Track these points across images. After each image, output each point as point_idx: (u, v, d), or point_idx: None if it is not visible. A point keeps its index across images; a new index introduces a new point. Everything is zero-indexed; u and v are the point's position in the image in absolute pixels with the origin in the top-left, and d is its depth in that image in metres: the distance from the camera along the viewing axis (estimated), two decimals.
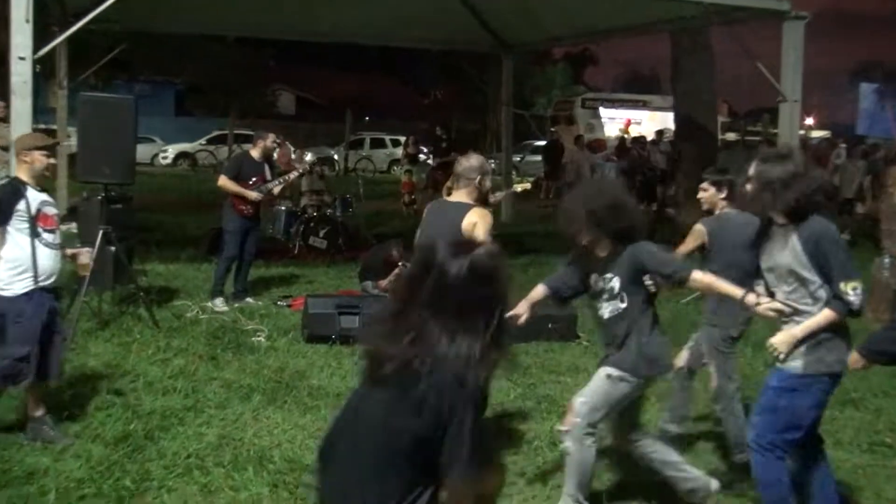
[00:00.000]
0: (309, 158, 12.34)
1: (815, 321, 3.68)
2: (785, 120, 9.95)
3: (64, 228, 11.82)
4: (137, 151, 8.25)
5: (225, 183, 8.77)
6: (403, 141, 24.68)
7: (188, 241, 12.24)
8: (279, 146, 10.56)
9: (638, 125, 29.97)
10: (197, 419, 5.43)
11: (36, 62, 7.81)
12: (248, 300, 8.85)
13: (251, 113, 33.61)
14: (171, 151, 34.00)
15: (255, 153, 9.02)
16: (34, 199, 4.95)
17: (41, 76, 9.04)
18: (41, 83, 11.55)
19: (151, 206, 15.67)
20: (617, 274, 4.13)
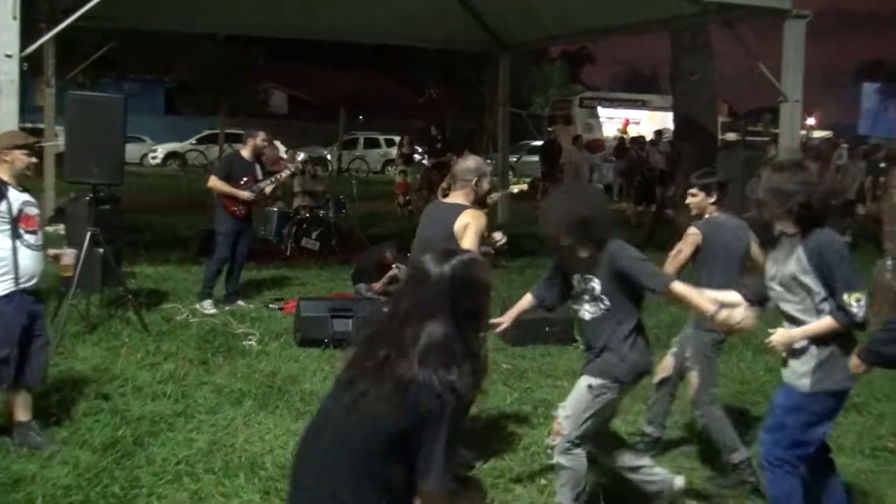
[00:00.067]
0: (301, 157, 12.31)
1: (814, 326, 3.69)
2: (786, 120, 9.96)
3: (51, 230, 11.89)
4: (126, 151, 8.23)
5: (215, 184, 8.76)
6: (398, 141, 24.64)
7: (178, 242, 12.22)
8: (268, 145, 10.54)
9: (637, 125, 30.04)
10: (187, 425, 5.42)
11: (23, 60, 7.79)
12: (239, 303, 8.85)
13: (242, 112, 33.63)
14: (160, 151, 33.98)
15: (245, 152, 9.02)
16: (15, 199, 4.92)
17: (28, 74, 9.03)
18: (28, 81, 11.51)
19: (140, 206, 15.65)
20: (597, 275, 4.12)
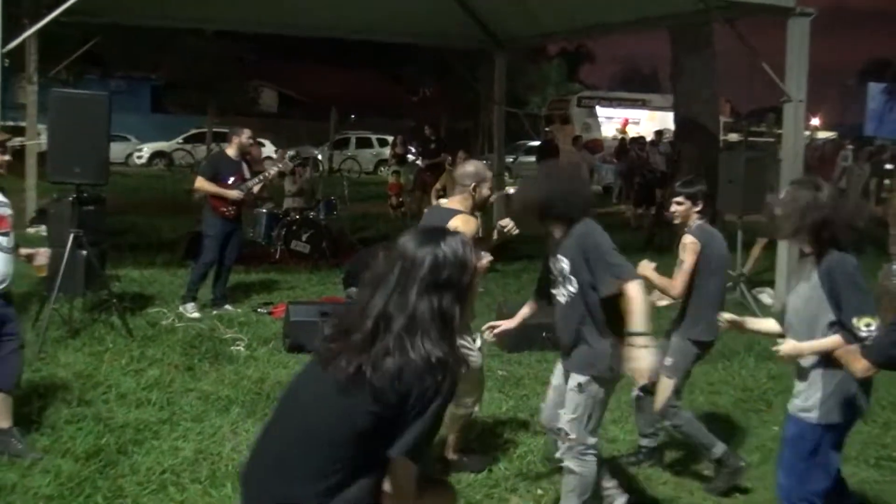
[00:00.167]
0: (290, 153, 12.35)
1: (823, 343, 3.69)
2: (789, 120, 9.96)
3: (33, 231, 11.85)
4: (111, 150, 8.23)
5: (202, 184, 8.74)
6: (391, 140, 24.72)
7: (164, 244, 12.21)
8: (253, 144, 10.54)
9: (636, 125, 30.13)
10: (172, 433, 5.41)
11: (4, 56, 7.77)
12: (226, 307, 8.83)
13: (231, 110, 33.60)
14: (146, 150, 33.97)
15: (230, 151, 9.00)
16: None
17: (10, 71, 9.00)
18: (10, 78, 11.44)
19: (125, 208, 15.64)
20: (566, 255, 4.09)
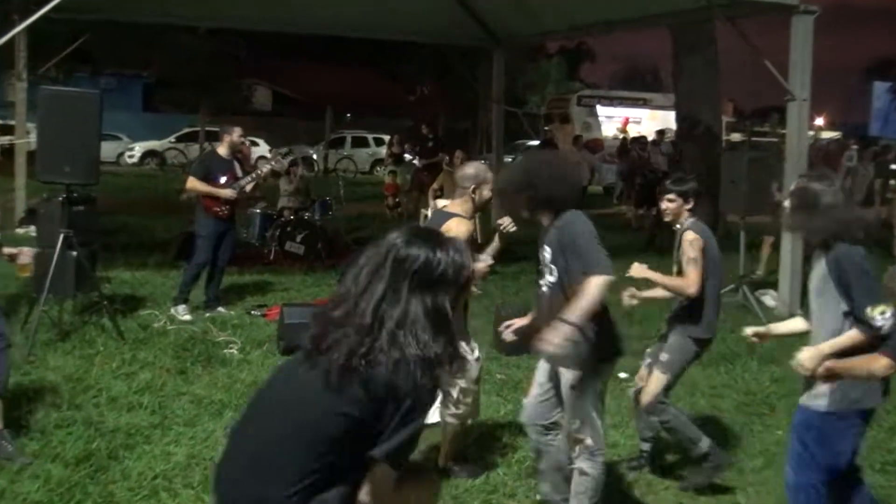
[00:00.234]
0: (282, 151, 12.35)
1: (841, 340, 3.71)
2: (793, 120, 9.97)
3: (22, 232, 11.82)
4: (102, 149, 8.21)
5: (194, 184, 8.74)
6: (387, 140, 24.70)
7: (155, 245, 12.20)
8: (243, 142, 10.54)
9: (637, 124, 30.12)
10: (164, 437, 5.41)
11: None
12: (219, 309, 8.83)
13: (224, 109, 33.58)
14: (137, 150, 33.93)
15: (222, 150, 8.99)
16: None
17: None
18: None
19: (116, 208, 15.61)
20: (549, 244, 4.09)
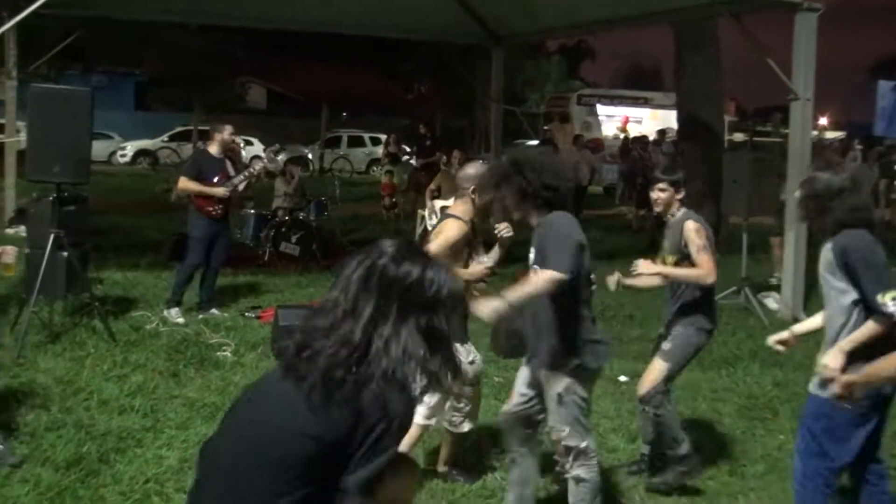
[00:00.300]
0: (273, 148, 12.36)
1: (858, 334, 3.75)
2: (796, 119, 9.98)
3: (12, 232, 11.81)
4: (93, 148, 8.22)
5: (186, 184, 8.74)
6: (384, 139, 24.70)
7: (148, 246, 12.19)
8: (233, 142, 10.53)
9: (638, 124, 30.14)
10: (156, 441, 5.41)
11: None
12: (213, 311, 8.82)
13: (218, 107, 33.52)
14: (129, 149, 33.95)
15: (213, 149, 8.98)
16: None
17: None
18: None
19: (108, 208, 15.60)
20: (533, 244, 4.13)
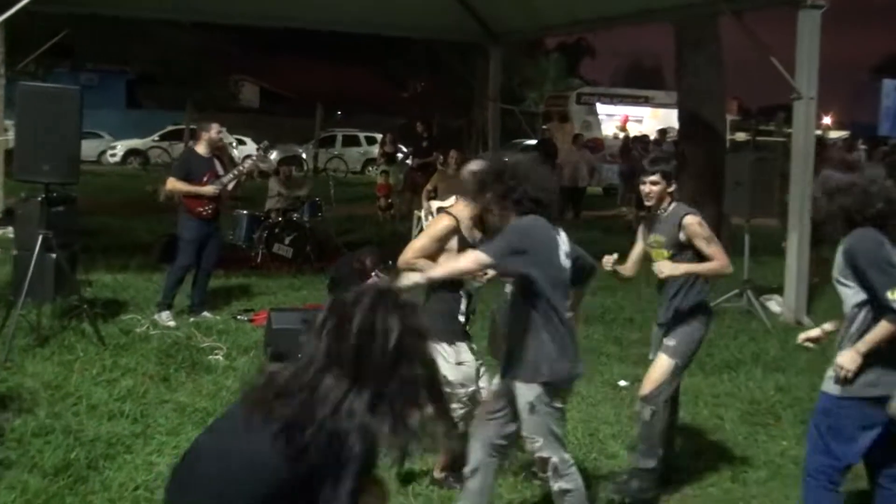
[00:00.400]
0: (263, 144, 12.33)
1: (873, 335, 3.79)
2: (799, 119, 9.99)
3: None
4: (82, 148, 8.21)
5: (175, 185, 8.74)
6: (380, 138, 24.71)
7: (138, 247, 12.17)
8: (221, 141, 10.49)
9: (639, 123, 30.17)
10: (146, 447, 5.40)
11: None
12: (204, 314, 8.82)
13: (210, 106, 33.57)
14: (120, 148, 33.90)
15: (200, 149, 8.96)
16: None
17: None
18: None
19: (98, 208, 15.58)
20: None
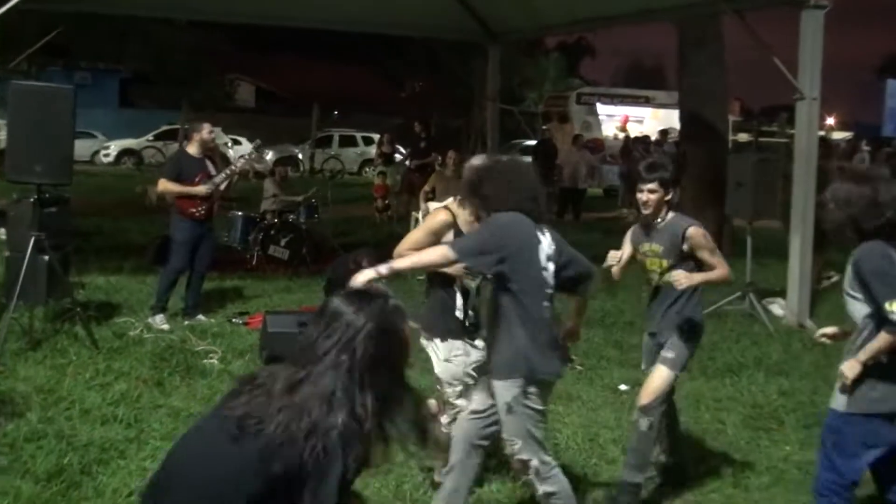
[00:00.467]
0: (256, 143, 12.34)
1: (873, 345, 3.79)
2: (802, 119, 9.99)
3: None
4: (76, 148, 8.20)
5: (166, 186, 8.73)
6: (377, 139, 24.73)
7: (132, 249, 12.17)
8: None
9: (639, 123, 30.20)
10: (140, 452, 5.40)
11: None
12: (199, 317, 8.82)
13: (205, 105, 33.57)
14: (113, 148, 33.87)
15: (192, 149, 8.96)
16: None
17: None
18: None
19: (91, 209, 15.58)
20: None
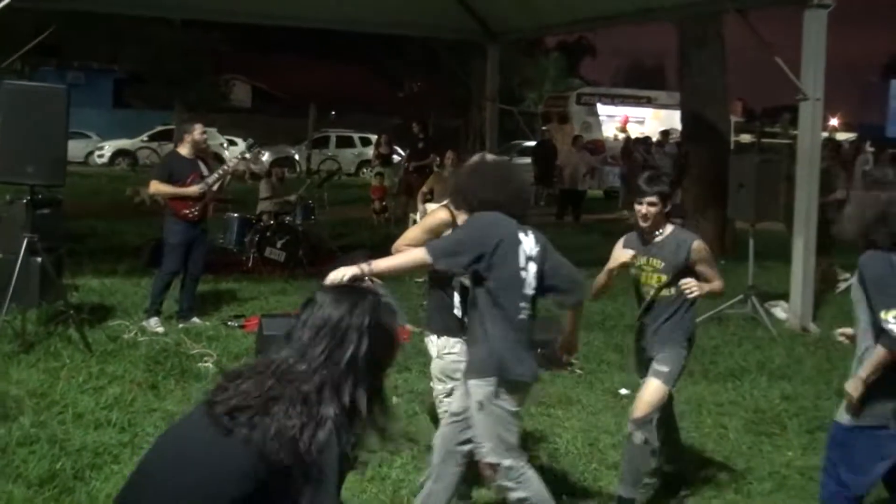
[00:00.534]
0: (248, 141, 12.35)
1: (872, 360, 3.74)
2: (805, 120, 10.00)
3: None
4: (69, 148, 8.20)
5: (158, 187, 8.73)
6: (374, 140, 24.74)
7: (126, 251, 12.17)
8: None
9: (640, 124, 30.20)
10: (134, 457, 5.37)
11: None
12: (194, 320, 8.81)
13: (200, 105, 33.56)
14: (107, 149, 33.90)
15: (183, 150, 8.95)
16: None
17: None
18: None
19: (84, 211, 15.58)
20: None
